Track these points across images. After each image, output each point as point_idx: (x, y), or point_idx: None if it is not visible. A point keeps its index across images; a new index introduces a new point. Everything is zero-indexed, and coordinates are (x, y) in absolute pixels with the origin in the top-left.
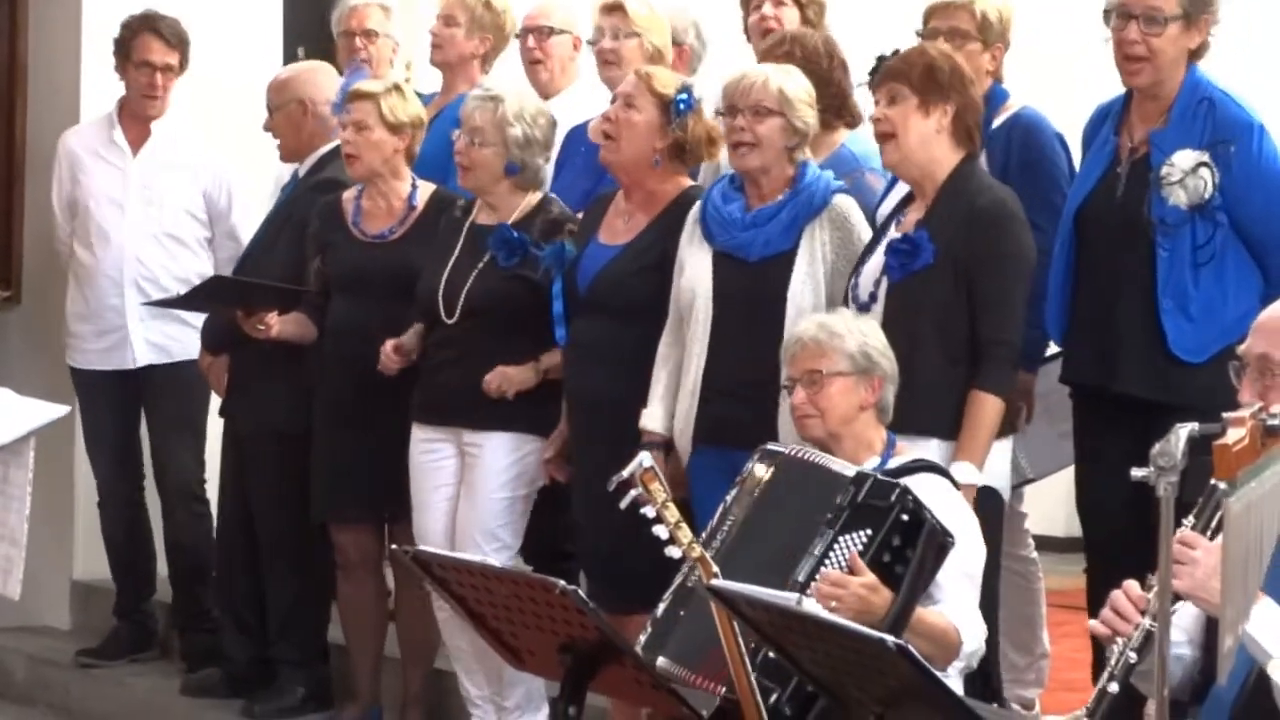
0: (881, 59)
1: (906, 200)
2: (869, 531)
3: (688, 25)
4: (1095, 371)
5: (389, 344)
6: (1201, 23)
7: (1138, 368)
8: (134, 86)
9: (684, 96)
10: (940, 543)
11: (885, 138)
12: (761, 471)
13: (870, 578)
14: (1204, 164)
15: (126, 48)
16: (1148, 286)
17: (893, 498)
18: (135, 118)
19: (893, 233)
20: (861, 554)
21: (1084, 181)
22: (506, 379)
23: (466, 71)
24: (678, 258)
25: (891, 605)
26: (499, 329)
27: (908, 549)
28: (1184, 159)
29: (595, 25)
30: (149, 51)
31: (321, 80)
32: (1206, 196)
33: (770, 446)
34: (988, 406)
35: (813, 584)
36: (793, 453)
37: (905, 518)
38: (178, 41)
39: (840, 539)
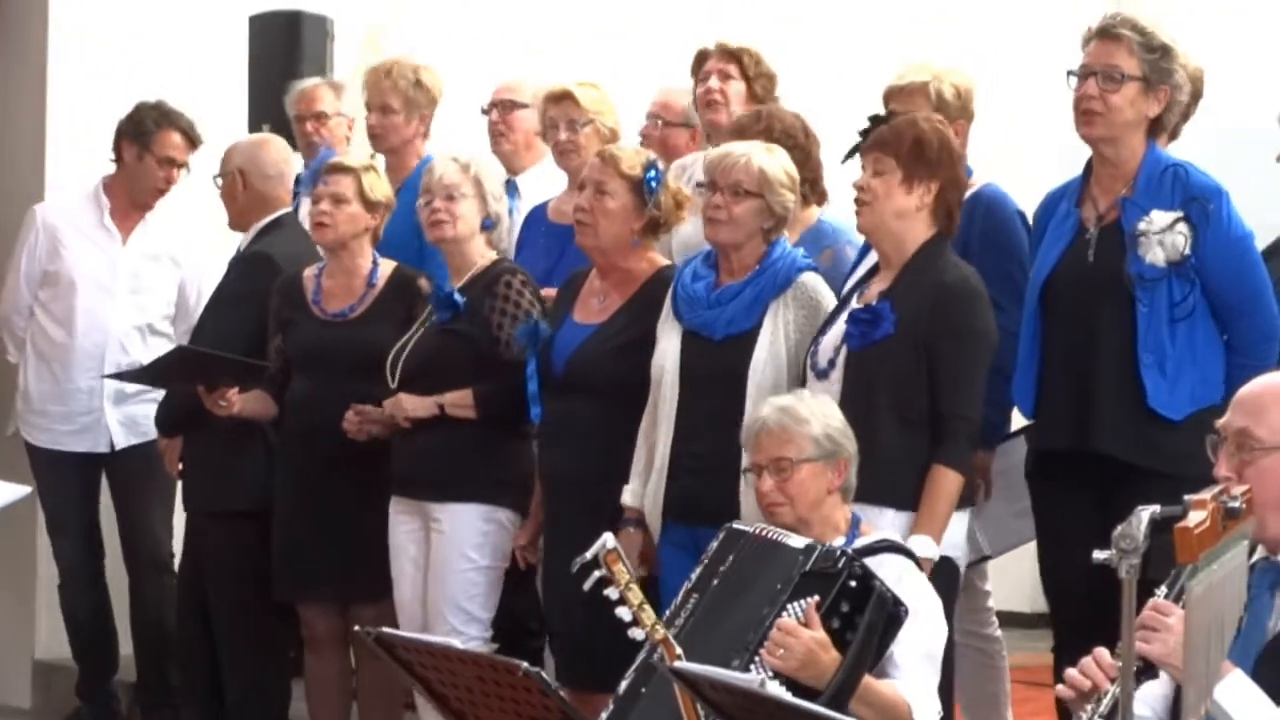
0: (875, 120)
1: (872, 271)
2: (817, 598)
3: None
4: (1071, 434)
5: (350, 413)
6: (1161, 92)
7: (1116, 426)
8: (149, 178)
9: (653, 174)
10: (891, 611)
11: (863, 204)
12: (725, 550)
13: (821, 634)
14: (1181, 220)
15: (147, 139)
16: (1125, 344)
17: (840, 564)
18: (130, 204)
19: (855, 302)
20: None
21: (1048, 254)
22: (399, 404)
23: (411, 152)
24: (657, 334)
25: (839, 667)
26: (432, 388)
27: (856, 615)
28: (1161, 217)
29: (545, 116)
30: (172, 148)
31: (260, 154)
32: (1185, 253)
33: (735, 526)
34: (948, 481)
35: (762, 650)
36: (755, 531)
37: (853, 584)
38: (195, 141)
39: (790, 605)
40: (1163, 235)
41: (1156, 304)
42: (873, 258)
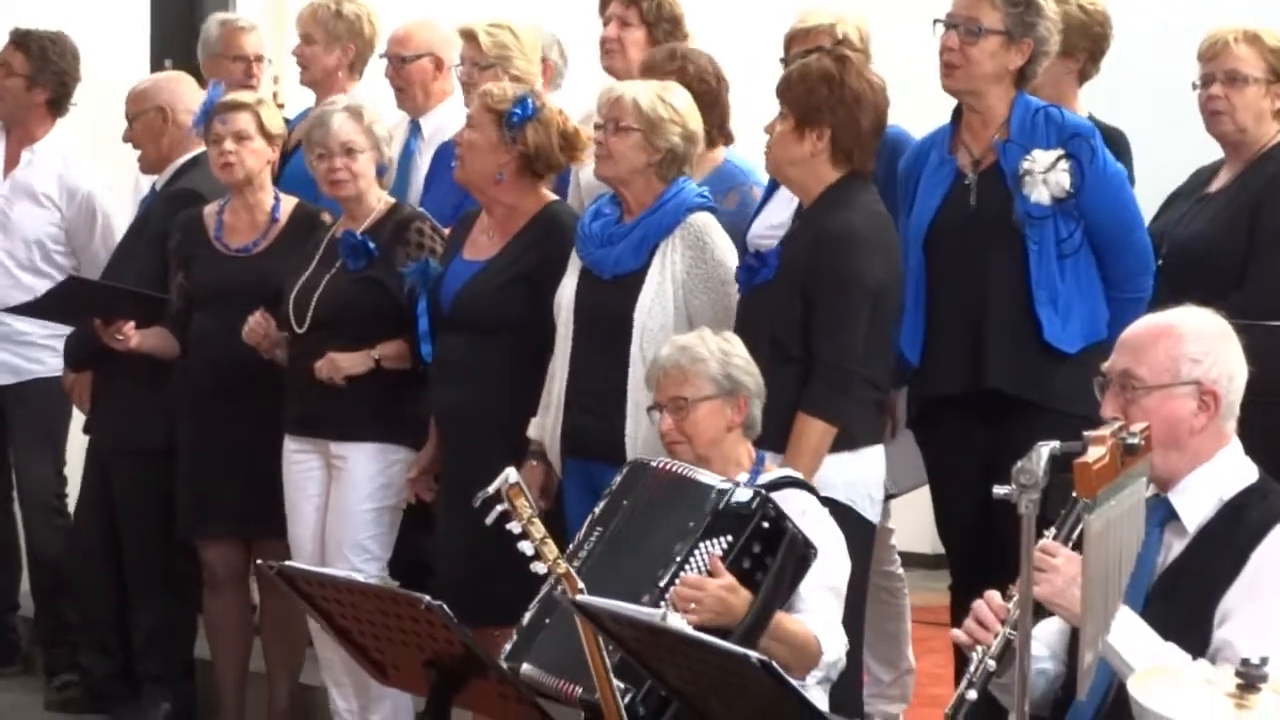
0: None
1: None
2: (729, 538)
3: (550, 42)
4: (963, 376)
5: (259, 313)
6: (1024, 45)
7: (1009, 364)
8: None
9: (518, 109)
10: (801, 553)
11: (768, 146)
12: (629, 484)
13: (728, 579)
14: (1064, 157)
15: None
16: (1017, 284)
17: (754, 505)
18: (12, 138)
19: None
20: (722, 559)
21: (926, 203)
22: (334, 365)
23: (334, 85)
24: (567, 271)
25: (750, 607)
26: (349, 335)
27: (768, 556)
28: (1044, 156)
29: (461, 51)
30: None
31: (180, 89)
32: (1068, 189)
33: (639, 459)
34: (809, 429)
35: (673, 589)
36: (660, 466)
37: (766, 525)
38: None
39: (701, 545)
40: (1047, 174)
41: (1045, 242)
42: (780, 195)
